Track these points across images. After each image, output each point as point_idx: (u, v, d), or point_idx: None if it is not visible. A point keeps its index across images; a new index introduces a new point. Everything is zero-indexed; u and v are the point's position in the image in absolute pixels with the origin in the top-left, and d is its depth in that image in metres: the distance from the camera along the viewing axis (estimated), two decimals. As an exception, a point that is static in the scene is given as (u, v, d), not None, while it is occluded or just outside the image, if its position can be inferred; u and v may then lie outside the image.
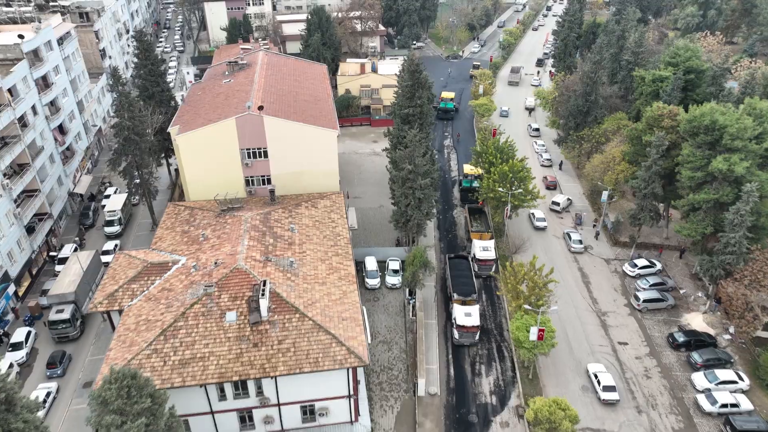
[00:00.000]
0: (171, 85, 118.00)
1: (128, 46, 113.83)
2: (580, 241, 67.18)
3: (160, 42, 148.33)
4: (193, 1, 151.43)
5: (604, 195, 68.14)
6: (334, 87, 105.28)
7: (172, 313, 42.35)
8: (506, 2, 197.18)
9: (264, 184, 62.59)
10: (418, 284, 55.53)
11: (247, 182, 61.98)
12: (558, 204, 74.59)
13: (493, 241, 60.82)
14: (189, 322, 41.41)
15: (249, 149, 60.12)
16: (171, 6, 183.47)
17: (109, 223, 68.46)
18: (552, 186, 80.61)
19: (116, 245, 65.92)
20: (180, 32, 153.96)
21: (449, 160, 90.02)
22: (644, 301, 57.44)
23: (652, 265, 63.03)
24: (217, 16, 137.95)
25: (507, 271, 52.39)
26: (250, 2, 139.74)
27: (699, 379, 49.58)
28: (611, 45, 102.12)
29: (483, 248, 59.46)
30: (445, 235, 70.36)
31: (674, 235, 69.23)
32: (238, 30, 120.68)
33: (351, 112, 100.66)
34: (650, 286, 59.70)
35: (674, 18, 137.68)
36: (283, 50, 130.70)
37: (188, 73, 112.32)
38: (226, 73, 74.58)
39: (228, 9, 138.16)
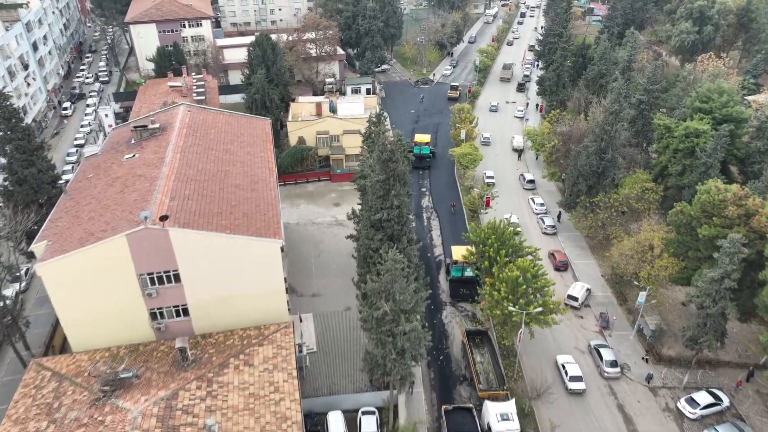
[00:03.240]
0: (88, 130, 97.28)
1: (27, 86, 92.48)
2: (615, 363, 50.46)
3: (82, 69, 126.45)
4: (117, 23, 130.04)
5: (641, 296, 51.64)
6: (283, 127, 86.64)
7: None
8: (475, 13, 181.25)
9: (179, 315, 43.86)
10: (408, 483, 37.79)
11: (153, 316, 43.14)
12: (576, 299, 57.78)
13: (513, 402, 43.21)
14: None
15: (151, 274, 41.35)
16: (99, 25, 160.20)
17: (-39, 368, 48.39)
18: (562, 267, 63.82)
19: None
20: (106, 58, 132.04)
21: (430, 230, 72.28)
22: (724, 474, 41.08)
23: (718, 401, 46.73)
24: (146, 41, 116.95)
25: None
26: (186, 24, 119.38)
27: None
28: (615, 76, 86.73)
29: (501, 416, 41.50)
30: (434, 356, 52.55)
31: (731, 344, 53.31)
32: (168, 60, 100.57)
33: (306, 166, 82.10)
34: (725, 442, 43.43)
35: (667, 34, 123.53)
36: (225, 81, 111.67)
37: (107, 115, 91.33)
38: (133, 141, 55.33)
39: (159, 32, 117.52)
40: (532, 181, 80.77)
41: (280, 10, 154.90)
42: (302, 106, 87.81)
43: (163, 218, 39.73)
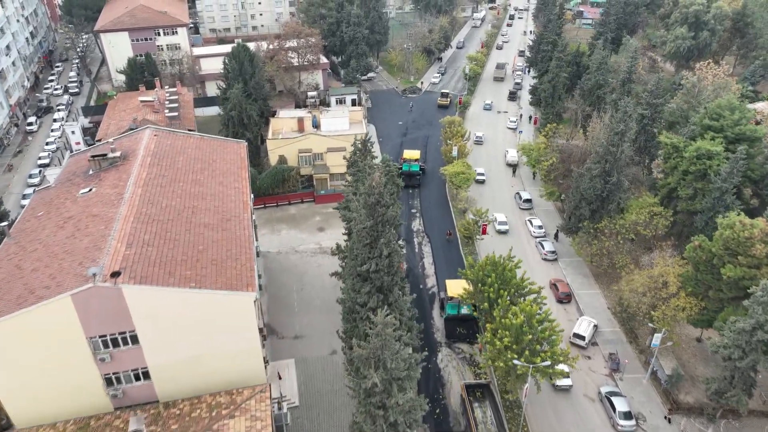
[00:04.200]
0: (53, 148, 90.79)
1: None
2: (629, 414, 45.65)
3: (51, 80, 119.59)
4: (88, 31, 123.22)
5: (656, 339, 46.96)
6: (263, 143, 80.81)
7: None
8: (463, 16, 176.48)
9: (138, 379, 38.37)
10: None
11: (108, 382, 37.61)
12: (583, 338, 53.02)
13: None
14: None
15: (104, 336, 35.84)
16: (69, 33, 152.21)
17: None
18: (566, 299, 59.06)
19: None
20: (77, 67, 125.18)
21: (422, 257, 67.10)
22: None
23: (746, 459, 42.25)
24: (118, 50, 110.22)
25: None
26: (161, 32, 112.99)
27: None
28: (612, 87, 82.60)
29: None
30: (431, 410, 47.14)
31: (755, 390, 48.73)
32: (141, 72, 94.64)
33: (288, 187, 76.59)
34: None
35: (661, 40, 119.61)
36: (202, 92, 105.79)
37: (74, 132, 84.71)
38: (91, 171, 49.60)
39: (132, 41, 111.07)
40: (528, 201, 75.90)
41: (261, 15, 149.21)
42: (283, 121, 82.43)
43: (115, 274, 34.16)
